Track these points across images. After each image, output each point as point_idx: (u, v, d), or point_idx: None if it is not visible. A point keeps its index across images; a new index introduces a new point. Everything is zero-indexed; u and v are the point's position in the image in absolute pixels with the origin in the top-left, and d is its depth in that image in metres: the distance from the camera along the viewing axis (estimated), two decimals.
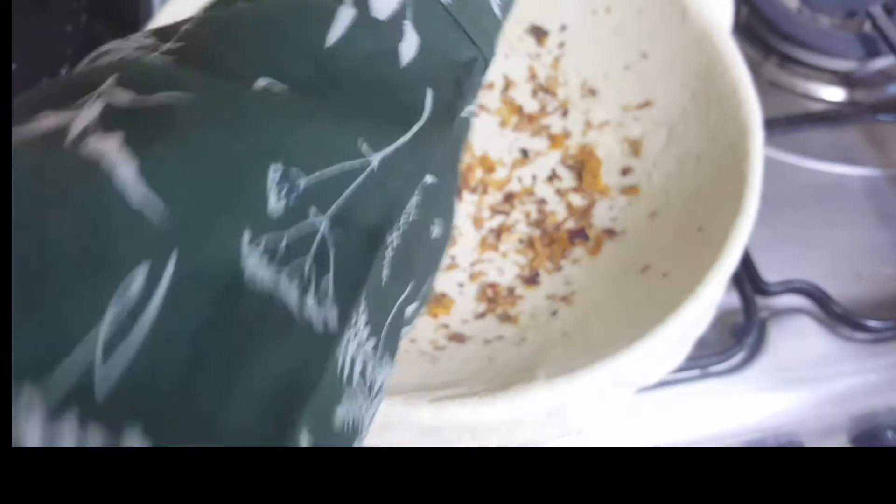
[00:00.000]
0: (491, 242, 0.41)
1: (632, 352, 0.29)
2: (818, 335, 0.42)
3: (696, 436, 0.39)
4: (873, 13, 0.52)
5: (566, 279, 0.38)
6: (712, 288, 0.31)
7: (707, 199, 0.36)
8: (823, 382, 0.41)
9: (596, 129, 0.43)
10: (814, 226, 0.46)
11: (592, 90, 0.44)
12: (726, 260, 0.31)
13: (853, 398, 0.41)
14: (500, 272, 0.40)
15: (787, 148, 0.49)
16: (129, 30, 0.48)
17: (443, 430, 0.29)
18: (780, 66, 0.54)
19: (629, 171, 0.41)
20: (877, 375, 0.41)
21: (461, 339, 0.35)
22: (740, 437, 0.40)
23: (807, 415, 0.40)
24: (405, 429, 0.29)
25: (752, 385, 0.40)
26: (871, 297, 0.44)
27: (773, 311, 0.43)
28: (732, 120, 0.36)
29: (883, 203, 0.48)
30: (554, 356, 0.32)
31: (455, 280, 0.39)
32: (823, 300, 0.42)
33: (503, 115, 0.45)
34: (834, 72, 0.54)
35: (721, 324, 0.42)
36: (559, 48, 0.44)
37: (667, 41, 0.40)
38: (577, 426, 0.31)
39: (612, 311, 0.34)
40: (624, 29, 0.42)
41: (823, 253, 0.45)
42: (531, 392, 0.28)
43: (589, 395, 0.29)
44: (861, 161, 0.50)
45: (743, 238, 0.32)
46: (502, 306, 0.37)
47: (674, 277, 0.34)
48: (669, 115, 0.40)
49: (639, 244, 0.38)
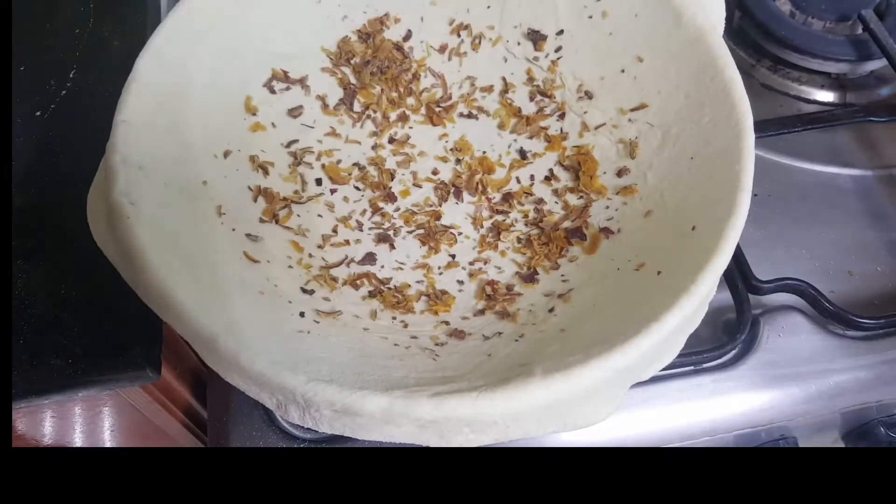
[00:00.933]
0: (490, 241, 0.42)
1: (627, 348, 0.30)
2: (810, 332, 0.43)
3: (689, 430, 0.40)
4: (865, 17, 0.53)
5: (563, 277, 0.39)
6: (706, 286, 0.32)
7: (700, 199, 0.36)
8: (815, 379, 0.41)
9: (592, 130, 0.44)
10: (806, 225, 0.47)
11: (589, 93, 0.44)
12: (719, 258, 0.32)
13: (844, 394, 0.41)
14: (499, 270, 0.41)
15: (779, 149, 0.50)
16: (136, 33, 0.49)
17: (442, 424, 0.30)
18: (772, 68, 0.55)
19: (625, 171, 0.42)
20: (867, 372, 0.42)
21: (461, 336, 0.36)
22: (733, 432, 0.41)
23: (798, 410, 0.41)
24: (406, 423, 0.30)
25: (745, 381, 0.41)
26: (862, 295, 0.45)
27: (766, 308, 0.43)
28: (725, 122, 0.37)
29: (874, 203, 0.49)
30: (551, 352, 0.32)
31: (455, 278, 0.40)
32: (815, 298, 0.42)
33: (502, 118, 0.46)
34: (826, 74, 0.55)
35: (714, 321, 0.43)
36: (556, 52, 0.45)
37: (661, 45, 0.41)
38: (574, 421, 0.32)
39: (607, 309, 0.35)
40: (619, 33, 0.43)
41: (815, 251, 0.46)
42: (529, 387, 0.29)
43: (585, 391, 0.30)
44: (852, 162, 0.50)
45: (735, 237, 0.33)
46: (501, 303, 0.38)
47: (668, 275, 0.34)
48: (664, 118, 0.41)
49: (634, 243, 0.39)
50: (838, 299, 0.42)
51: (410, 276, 0.40)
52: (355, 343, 0.35)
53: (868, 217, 0.48)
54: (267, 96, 0.43)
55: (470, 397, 0.29)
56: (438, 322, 0.38)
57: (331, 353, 0.33)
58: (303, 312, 0.36)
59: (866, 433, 0.44)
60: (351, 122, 0.46)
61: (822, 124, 0.51)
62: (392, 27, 0.46)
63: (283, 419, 0.39)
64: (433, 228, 0.42)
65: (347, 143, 0.45)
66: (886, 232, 0.47)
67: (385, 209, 0.43)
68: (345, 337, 0.35)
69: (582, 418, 0.32)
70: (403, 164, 0.45)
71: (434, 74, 0.47)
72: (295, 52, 0.45)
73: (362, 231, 0.42)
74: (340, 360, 0.32)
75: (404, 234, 0.42)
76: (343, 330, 0.36)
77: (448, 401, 0.29)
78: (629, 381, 0.33)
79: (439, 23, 0.47)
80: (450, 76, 0.47)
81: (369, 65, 0.45)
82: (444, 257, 0.41)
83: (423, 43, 0.47)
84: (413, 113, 0.46)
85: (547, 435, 0.32)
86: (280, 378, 0.30)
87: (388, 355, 0.34)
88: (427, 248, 0.41)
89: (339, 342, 0.34)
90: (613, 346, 0.30)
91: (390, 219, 0.43)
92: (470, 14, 0.46)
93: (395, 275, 0.40)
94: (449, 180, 0.44)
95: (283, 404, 0.31)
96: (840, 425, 0.45)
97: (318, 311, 0.36)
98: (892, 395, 0.42)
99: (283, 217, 0.41)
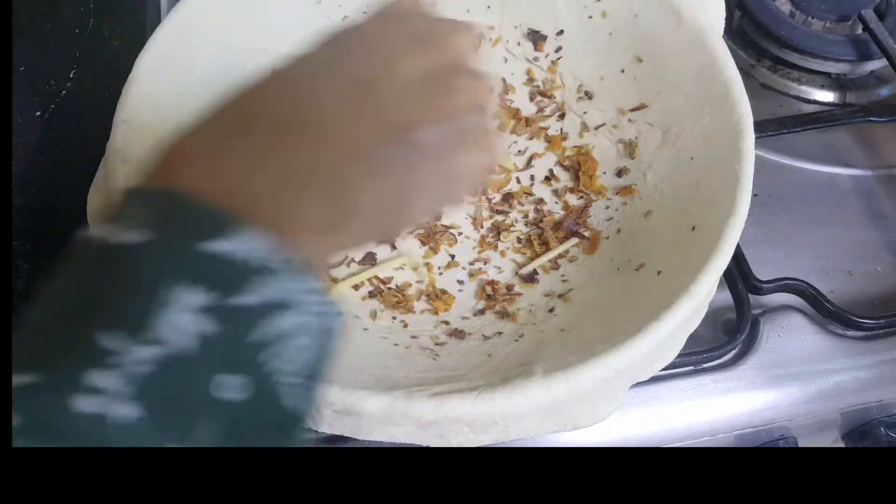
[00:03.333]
0: (490, 241, 0.42)
1: (627, 348, 0.30)
2: (810, 332, 0.42)
3: (689, 430, 0.40)
4: (865, 17, 0.53)
5: (563, 277, 0.39)
6: (706, 286, 0.32)
7: (700, 199, 0.37)
8: (815, 379, 0.41)
9: (592, 131, 0.44)
10: (806, 225, 0.47)
11: (589, 93, 0.44)
12: (719, 258, 0.32)
13: (844, 394, 0.41)
14: (499, 270, 0.41)
15: (779, 149, 0.50)
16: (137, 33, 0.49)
17: (442, 424, 0.30)
18: (772, 68, 0.55)
19: (624, 171, 0.42)
20: (867, 372, 0.42)
21: (461, 335, 0.36)
22: (733, 432, 0.40)
23: (798, 410, 0.41)
24: (406, 422, 0.30)
25: (745, 381, 0.41)
26: (862, 295, 0.45)
27: (766, 308, 0.43)
28: (725, 122, 0.37)
29: (874, 203, 0.48)
30: (551, 352, 0.32)
31: (455, 277, 0.40)
32: (815, 298, 0.42)
33: (502, 119, 0.46)
34: (826, 74, 0.54)
35: (714, 321, 0.43)
36: (556, 52, 0.45)
37: (661, 45, 0.41)
38: (574, 421, 0.32)
39: (607, 308, 0.35)
40: (619, 33, 0.43)
41: (815, 251, 0.46)
42: (529, 387, 0.29)
43: (585, 391, 0.30)
44: (852, 162, 0.50)
45: (735, 237, 0.33)
46: (501, 303, 0.38)
47: (668, 275, 0.34)
48: (663, 118, 0.41)
49: (634, 243, 0.39)
50: (838, 299, 0.42)
51: (411, 275, 0.40)
52: (355, 343, 0.35)
53: (868, 217, 0.48)
54: None
55: (470, 397, 0.29)
56: (438, 322, 0.38)
57: None
58: None
59: (866, 433, 0.44)
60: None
61: (822, 124, 0.50)
62: None
63: None
64: (433, 228, 0.42)
65: None
66: (886, 232, 0.47)
67: None
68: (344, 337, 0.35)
69: (582, 418, 0.32)
70: None
71: None
72: (295, 52, 0.44)
73: None
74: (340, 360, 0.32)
75: (404, 233, 0.42)
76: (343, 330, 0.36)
77: (448, 401, 0.29)
78: (629, 381, 0.33)
79: None
80: None
81: None
82: (444, 257, 0.41)
83: None
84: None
85: (547, 435, 0.32)
86: None
87: (388, 355, 0.34)
88: (427, 247, 0.41)
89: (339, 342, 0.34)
90: (613, 346, 0.30)
91: None
92: (470, 14, 0.46)
93: (395, 275, 0.40)
94: None
95: None
96: (840, 425, 0.44)
97: None
98: (892, 395, 0.42)
99: None
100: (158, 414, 0.16)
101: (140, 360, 0.16)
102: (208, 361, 0.17)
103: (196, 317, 0.17)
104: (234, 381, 0.17)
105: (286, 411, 0.19)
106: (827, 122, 0.51)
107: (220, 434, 0.17)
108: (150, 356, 0.16)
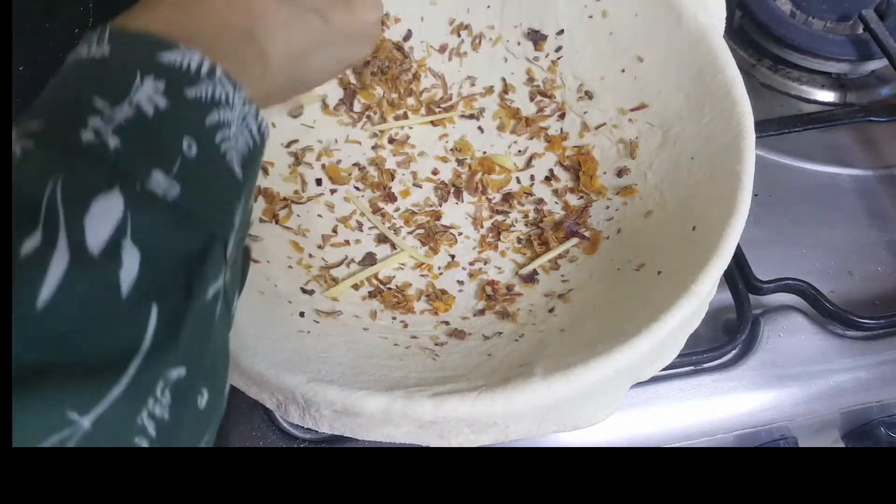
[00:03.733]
0: (490, 241, 0.42)
1: (627, 348, 0.30)
2: (810, 332, 0.43)
3: (689, 430, 0.40)
4: (866, 16, 0.53)
5: (563, 277, 0.39)
6: (706, 286, 0.32)
7: (701, 199, 0.37)
8: (815, 379, 0.41)
9: (592, 130, 0.44)
10: (806, 225, 0.47)
11: (589, 93, 0.44)
12: (720, 258, 0.32)
13: (844, 394, 0.41)
14: (499, 270, 0.41)
15: (779, 149, 0.50)
16: None
17: (442, 424, 0.30)
18: (773, 68, 0.55)
19: (625, 171, 0.42)
20: (868, 372, 0.42)
21: (461, 336, 0.36)
22: (733, 432, 0.41)
23: (798, 410, 0.41)
24: (406, 423, 0.30)
25: (745, 381, 0.41)
26: (863, 295, 0.45)
27: (766, 308, 0.43)
28: (725, 121, 0.37)
29: (874, 203, 0.49)
30: (551, 352, 0.32)
31: (455, 278, 0.40)
32: (815, 298, 0.42)
33: (501, 119, 0.46)
34: (826, 74, 0.54)
35: (714, 321, 0.43)
36: (556, 52, 0.45)
37: (662, 45, 0.41)
38: (574, 421, 0.32)
39: (607, 309, 0.35)
40: (620, 33, 0.43)
41: (815, 251, 0.46)
42: (529, 387, 0.29)
43: (585, 391, 0.30)
44: (853, 162, 0.50)
45: (736, 237, 0.33)
46: (501, 303, 0.38)
47: (668, 275, 0.34)
48: (664, 118, 0.41)
49: (634, 243, 0.39)
50: (838, 299, 0.42)
51: (411, 275, 0.40)
52: (355, 343, 0.35)
53: (868, 217, 0.48)
54: None
55: (470, 397, 0.29)
56: (438, 322, 0.38)
57: (331, 353, 0.33)
58: (303, 312, 0.36)
59: (866, 433, 0.44)
60: (351, 122, 0.46)
61: (823, 124, 0.51)
62: (392, 27, 0.46)
63: (283, 419, 0.39)
64: (433, 228, 0.42)
65: (347, 143, 0.45)
66: (886, 232, 0.47)
67: (385, 209, 0.43)
68: (345, 337, 0.35)
69: (582, 418, 0.32)
70: (403, 164, 0.45)
71: (434, 74, 0.47)
72: None
73: (362, 231, 0.42)
74: (340, 360, 0.32)
75: (404, 234, 0.42)
76: (343, 330, 0.36)
77: (448, 401, 0.29)
78: (629, 381, 0.33)
79: (439, 23, 0.46)
80: (450, 76, 0.47)
81: (369, 65, 0.45)
82: (444, 257, 0.41)
83: (423, 43, 0.47)
84: (413, 113, 0.46)
85: (547, 435, 0.32)
86: (280, 378, 0.30)
87: (388, 355, 0.34)
88: (427, 248, 0.41)
89: (339, 342, 0.34)
90: (613, 346, 0.30)
91: (390, 219, 0.43)
92: (470, 14, 0.46)
93: (396, 275, 0.40)
94: (449, 180, 0.44)
95: (284, 404, 0.31)
96: (840, 425, 0.45)
97: (318, 311, 0.36)
98: (892, 395, 0.42)
99: (282, 217, 0.41)
100: (136, 149, 0.21)
101: (121, 115, 0.21)
102: (172, 123, 0.22)
103: (159, 95, 0.22)
104: (188, 140, 0.22)
105: (221, 178, 0.23)
106: (827, 121, 0.51)
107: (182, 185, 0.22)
108: (131, 113, 0.21)
